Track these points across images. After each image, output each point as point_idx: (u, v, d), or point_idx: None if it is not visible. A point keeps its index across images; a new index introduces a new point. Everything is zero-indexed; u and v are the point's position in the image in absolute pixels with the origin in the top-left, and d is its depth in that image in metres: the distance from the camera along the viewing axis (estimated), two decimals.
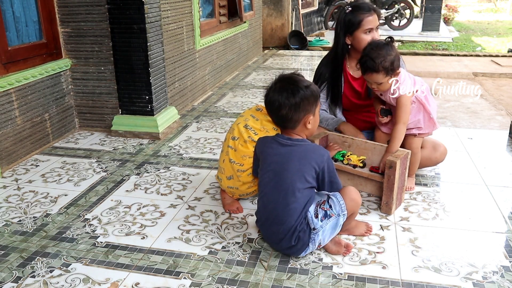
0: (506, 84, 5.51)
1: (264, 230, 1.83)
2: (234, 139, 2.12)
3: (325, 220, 1.71)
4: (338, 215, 1.74)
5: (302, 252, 1.75)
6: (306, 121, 1.78)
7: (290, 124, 1.78)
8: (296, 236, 1.70)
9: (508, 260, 1.78)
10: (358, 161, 2.24)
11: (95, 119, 3.37)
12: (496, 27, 12.94)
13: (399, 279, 1.67)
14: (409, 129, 2.21)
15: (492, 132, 3.41)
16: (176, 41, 3.69)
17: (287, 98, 1.72)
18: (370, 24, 2.34)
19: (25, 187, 2.47)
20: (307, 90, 1.74)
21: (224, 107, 4.00)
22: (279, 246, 1.77)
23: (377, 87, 2.15)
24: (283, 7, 7.99)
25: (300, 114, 1.75)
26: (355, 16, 2.35)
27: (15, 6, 2.80)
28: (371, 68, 2.08)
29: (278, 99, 1.74)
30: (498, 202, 2.24)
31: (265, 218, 1.78)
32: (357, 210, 1.84)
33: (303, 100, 1.73)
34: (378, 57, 2.05)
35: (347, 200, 1.75)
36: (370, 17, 2.34)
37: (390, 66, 2.07)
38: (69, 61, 3.21)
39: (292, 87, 1.74)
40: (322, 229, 1.71)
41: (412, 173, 2.36)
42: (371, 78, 2.12)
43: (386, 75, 2.08)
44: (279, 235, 1.73)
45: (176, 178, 2.56)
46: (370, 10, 2.35)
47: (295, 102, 1.73)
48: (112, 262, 1.79)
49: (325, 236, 1.74)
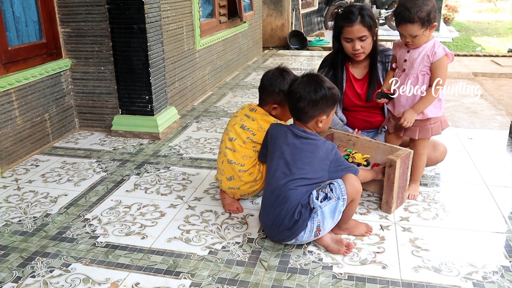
0: (506, 84, 5.51)
1: (269, 216, 1.84)
2: (232, 140, 2.12)
3: (324, 202, 1.75)
4: (338, 198, 1.76)
5: (302, 231, 1.76)
6: (319, 119, 1.86)
7: (304, 117, 1.87)
8: (299, 210, 1.75)
9: (508, 260, 1.78)
10: (362, 159, 2.25)
11: (95, 119, 3.37)
12: (496, 27, 12.95)
13: (399, 279, 1.67)
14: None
15: (492, 132, 3.41)
16: (176, 41, 3.69)
17: (308, 93, 1.82)
18: (349, 34, 2.31)
19: (25, 187, 2.47)
20: (329, 91, 1.84)
21: (224, 107, 4.00)
22: (281, 227, 1.79)
23: (411, 40, 2.02)
24: (283, 7, 7.99)
25: (316, 112, 1.84)
26: (339, 21, 2.33)
27: (15, 6, 2.80)
28: (406, 19, 1.95)
29: (300, 91, 1.83)
30: (498, 202, 2.24)
31: (273, 201, 1.82)
32: (357, 198, 1.85)
33: (323, 99, 1.82)
34: (414, 7, 1.93)
35: (347, 185, 1.79)
36: (349, 28, 2.29)
37: (427, 17, 1.94)
38: (69, 61, 3.21)
39: (316, 85, 1.83)
40: (321, 210, 1.74)
41: (416, 178, 2.30)
42: (406, 29, 1.99)
43: (421, 26, 1.95)
44: (282, 214, 1.77)
45: (176, 178, 2.56)
46: (352, 21, 2.28)
47: (315, 99, 1.82)
48: (112, 262, 1.79)
49: (324, 218, 1.75)
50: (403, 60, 2.11)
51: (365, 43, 2.33)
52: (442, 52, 2.02)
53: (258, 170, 2.12)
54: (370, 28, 2.31)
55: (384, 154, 2.19)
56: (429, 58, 2.04)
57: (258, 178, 2.12)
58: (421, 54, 2.05)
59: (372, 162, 2.27)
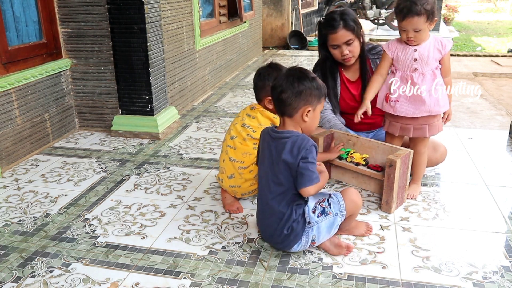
0: (506, 84, 5.51)
1: (261, 225, 1.84)
2: (233, 138, 2.15)
3: (321, 217, 1.73)
4: (335, 214, 1.75)
5: (295, 245, 1.75)
6: (304, 112, 1.73)
7: (288, 110, 1.74)
8: (289, 225, 1.71)
9: (508, 260, 1.78)
10: (361, 159, 2.26)
11: (95, 119, 3.37)
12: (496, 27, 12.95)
13: (399, 279, 1.67)
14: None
15: (492, 132, 3.41)
16: (176, 41, 3.69)
17: (291, 83, 1.73)
18: (334, 41, 2.31)
19: (25, 187, 2.47)
20: (313, 81, 1.75)
21: (224, 107, 4.00)
22: (273, 238, 1.78)
23: (414, 36, 2.02)
24: (283, 7, 7.99)
25: (300, 103, 1.72)
26: (322, 29, 2.34)
27: (15, 6, 2.80)
28: (413, 11, 1.95)
29: (283, 83, 1.75)
30: (498, 202, 2.24)
31: (262, 211, 1.80)
32: (357, 212, 1.84)
33: (307, 89, 1.72)
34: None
35: (347, 201, 1.77)
36: (333, 34, 2.29)
37: (431, 9, 1.96)
38: (69, 61, 3.21)
39: (299, 75, 1.76)
40: (317, 225, 1.72)
41: (417, 178, 2.30)
42: (412, 23, 1.98)
43: (427, 19, 1.98)
44: (273, 226, 1.74)
45: (176, 178, 2.56)
46: (334, 27, 2.28)
47: (298, 89, 1.72)
48: (112, 262, 1.79)
49: (320, 233, 1.74)
50: (413, 60, 2.08)
51: (352, 47, 2.34)
52: (448, 42, 2.06)
53: None
54: (354, 30, 2.31)
55: (384, 154, 2.19)
56: (440, 51, 2.05)
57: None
58: (431, 49, 2.05)
59: (372, 162, 2.27)
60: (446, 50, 2.05)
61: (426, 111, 2.10)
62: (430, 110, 2.10)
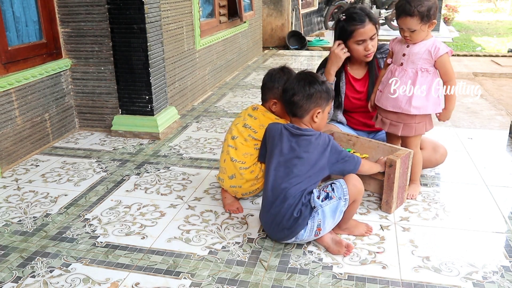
0: (506, 84, 5.51)
1: (269, 215, 1.84)
2: (234, 138, 2.15)
3: (325, 201, 1.77)
4: (339, 198, 1.78)
5: (302, 229, 1.77)
6: (314, 114, 1.88)
7: (299, 112, 1.89)
8: (299, 209, 1.77)
9: (508, 260, 1.78)
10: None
11: (95, 119, 3.37)
12: (496, 27, 12.95)
13: (399, 279, 1.67)
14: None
15: (492, 132, 3.41)
16: (176, 41, 3.69)
17: (303, 87, 1.87)
18: (362, 36, 2.30)
19: (25, 187, 2.47)
20: (323, 85, 1.89)
21: (224, 107, 4.00)
22: (281, 225, 1.79)
23: (409, 35, 2.03)
24: (283, 7, 7.99)
25: (311, 105, 1.87)
26: (348, 25, 2.32)
27: (15, 6, 2.80)
28: (405, 11, 1.97)
29: (294, 86, 1.88)
30: (498, 202, 2.24)
31: (272, 200, 1.83)
32: (359, 198, 1.86)
33: (317, 92, 1.86)
34: (415, 0, 1.96)
35: (349, 185, 1.81)
36: (361, 29, 2.28)
37: (427, 12, 1.96)
38: (69, 61, 3.21)
39: (310, 79, 1.89)
40: (322, 209, 1.75)
41: (414, 178, 2.30)
42: (405, 23, 2.00)
43: (421, 21, 1.97)
44: (282, 213, 1.78)
45: (176, 178, 2.56)
46: (363, 21, 2.28)
47: (309, 92, 1.86)
48: (112, 262, 1.79)
49: (324, 217, 1.76)
50: (402, 54, 2.11)
51: (374, 42, 2.35)
52: (445, 48, 2.04)
53: (259, 168, 2.13)
54: (376, 25, 2.34)
55: (384, 154, 2.19)
56: (431, 54, 2.04)
57: (259, 176, 2.13)
58: (421, 50, 2.05)
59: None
60: (438, 54, 2.02)
61: (396, 107, 2.12)
62: (400, 107, 2.11)
